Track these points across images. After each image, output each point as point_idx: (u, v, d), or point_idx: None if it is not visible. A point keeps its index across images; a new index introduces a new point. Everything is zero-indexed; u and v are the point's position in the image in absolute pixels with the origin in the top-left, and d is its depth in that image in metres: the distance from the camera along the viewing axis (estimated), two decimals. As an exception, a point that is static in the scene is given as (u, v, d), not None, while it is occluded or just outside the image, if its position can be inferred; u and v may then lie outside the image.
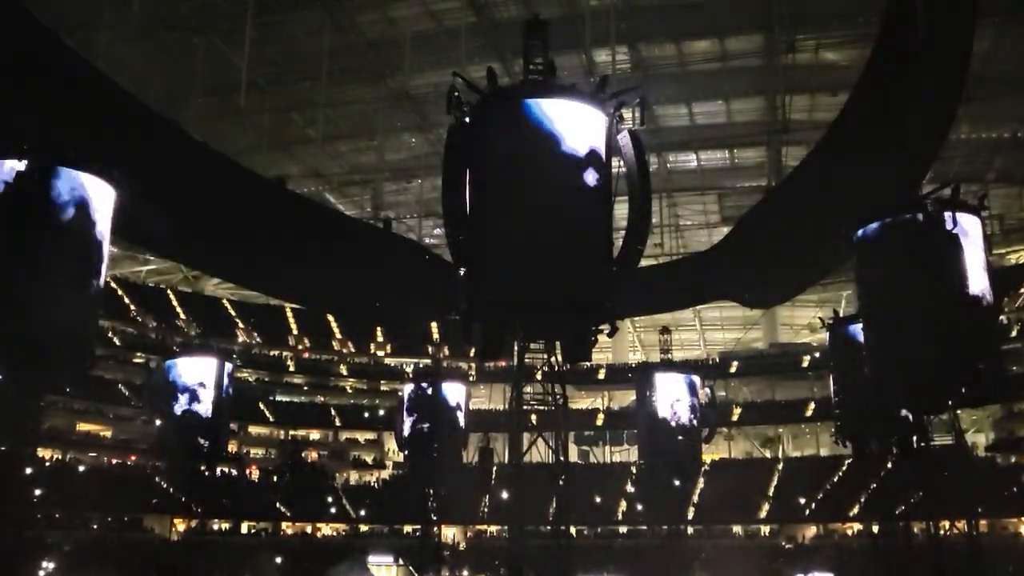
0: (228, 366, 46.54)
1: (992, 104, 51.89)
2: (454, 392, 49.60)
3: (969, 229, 26.46)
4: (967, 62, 35.10)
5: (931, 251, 25.46)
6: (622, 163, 23.32)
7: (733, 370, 73.02)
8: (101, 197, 26.14)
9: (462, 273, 22.44)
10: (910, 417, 32.08)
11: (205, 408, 44.49)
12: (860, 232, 28.18)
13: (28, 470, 27.72)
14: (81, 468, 60.79)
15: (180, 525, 50.28)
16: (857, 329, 33.81)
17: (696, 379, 50.46)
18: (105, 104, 32.35)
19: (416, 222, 73.15)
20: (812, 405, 67.49)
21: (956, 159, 54.86)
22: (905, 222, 26.41)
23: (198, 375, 44.95)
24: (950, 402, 28.86)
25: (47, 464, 56.32)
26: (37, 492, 44.61)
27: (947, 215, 25.67)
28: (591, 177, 21.98)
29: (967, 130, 55.46)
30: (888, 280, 26.85)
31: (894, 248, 26.59)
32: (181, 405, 44.43)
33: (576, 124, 22.18)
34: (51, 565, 45.50)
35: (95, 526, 55.40)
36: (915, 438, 33.64)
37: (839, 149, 38.55)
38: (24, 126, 24.84)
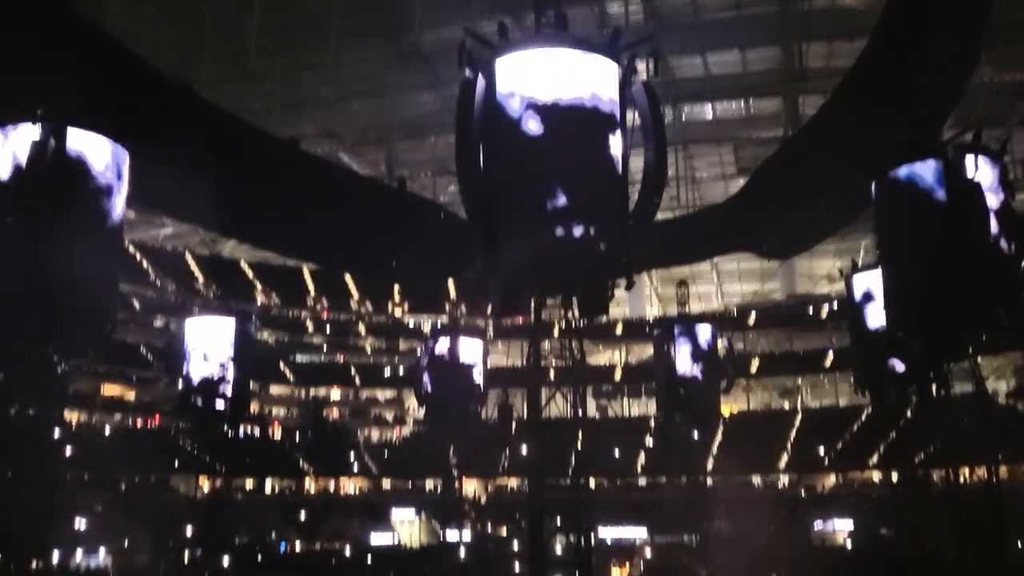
0: (248, 327, 46.94)
1: (1016, 47, 50.85)
2: (472, 349, 49.94)
3: (990, 174, 26.12)
4: (989, 4, 34.36)
5: (951, 197, 25.15)
6: (637, 115, 23.11)
7: (751, 322, 72.97)
8: (116, 161, 26.24)
9: (477, 230, 22.42)
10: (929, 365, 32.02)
11: (226, 369, 44.98)
12: (879, 180, 27.88)
13: (56, 432, 28.16)
14: (107, 430, 61.81)
15: (205, 484, 51.09)
16: (876, 277, 33.64)
17: (714, 331, 50.57)
18: (118, 69, 32.29)
19: (430, 180, 72.96)
20: (831, 355, 67.43)
21: (978, 103, 53.84)
22: (925, 168, 26.06)
23: (218, 336, 45.39)
24: (970, 349, 28.78)
25: (74, 427, 57.27)
26: (67, 453, 45.31)
27: (968, 160, 25.32)
28: (605, 130, 21.83)
29: (990, 73, 54.39)
30: (907, 227, 26.61)
31: (913, 195, 26.28)
32: (201, 366, 44.96)
33: (589, 77, 21.95)
34: (83, 524, 46.56)
35: (123, 486, 56.46)
36: (934, 386, 33.61)
37: (857, 96, 38.01)
38: (38, 92, 24.86)
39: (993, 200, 25.92)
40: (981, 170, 25.36)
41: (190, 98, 36.69)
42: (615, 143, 22.19)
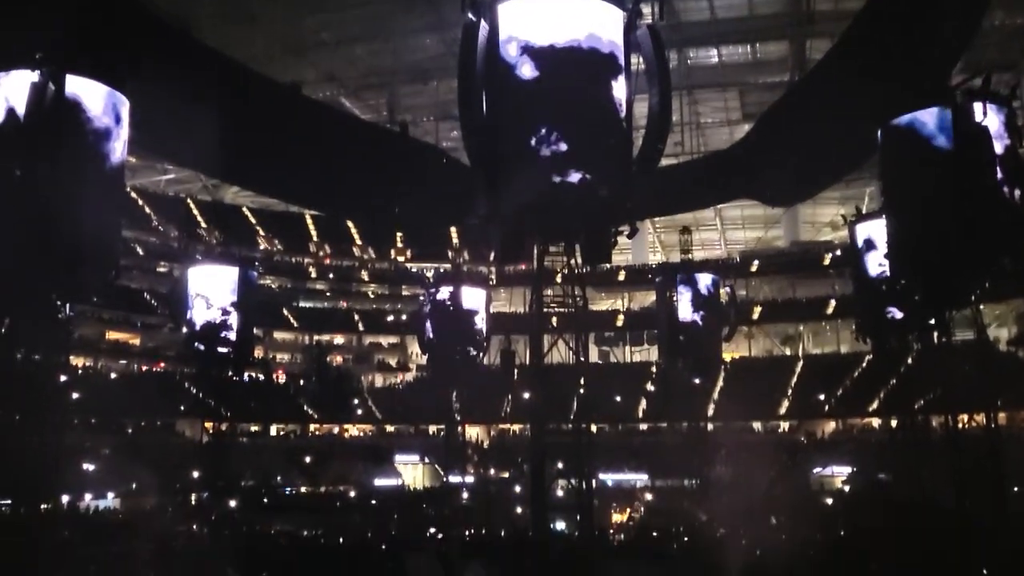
0: (250, 273, 46.98)
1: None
2: (475, 296, 49.99)
3: (998, 120, 25.83)
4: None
5: (958, 144, 24.89)
6: (641, 60, 22.82)
7: (754, 269, 72.92)
8: (115, 107, 25.98)
9: (480, 176, 22.31)
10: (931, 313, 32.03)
11: (229, 315, 45.15)
12: (885, 126, 27.59)
13: (62, 377, 28.37)
14: (113, 375, 62.31)
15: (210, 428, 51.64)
16: (879, 225, 33.49)
17: (716, 278, 50.61)
18: (115, 13, 31.79)
19: (433, 125, 72.29)
20: (833, 303, 67.50)
21: (988, 47, 52.90)
22: (931, 115, 25.76)
23: (221, 283, 45.48)
24: (972, 297, 28.76)
25: (80, 372, 57.68)
26: (74, 398, 45.66)
27: (976, 106, 25.00)
28: (608, 75, 21.59)
29: (1001, 16, 53.43)
30: (912, 174, 26.38)
31: (919, 141, 26.02)
32: (204, 313, 45.11)
33: (592, 21, 21.66)
34: (91, 468, 47.20)
35: (130, 430, 57.11)
36: (936, 333, 33.68)
37: (865, 41, 37.41)
38: (35, 36, 24.50)
39: (1000, 147, 25.67)
40: (989, 116, 25.06)
41: (190, 43, 36.18)
42: (619, 88, 21.98)
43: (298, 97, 43.42)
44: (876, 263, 36.53)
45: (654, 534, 35.37)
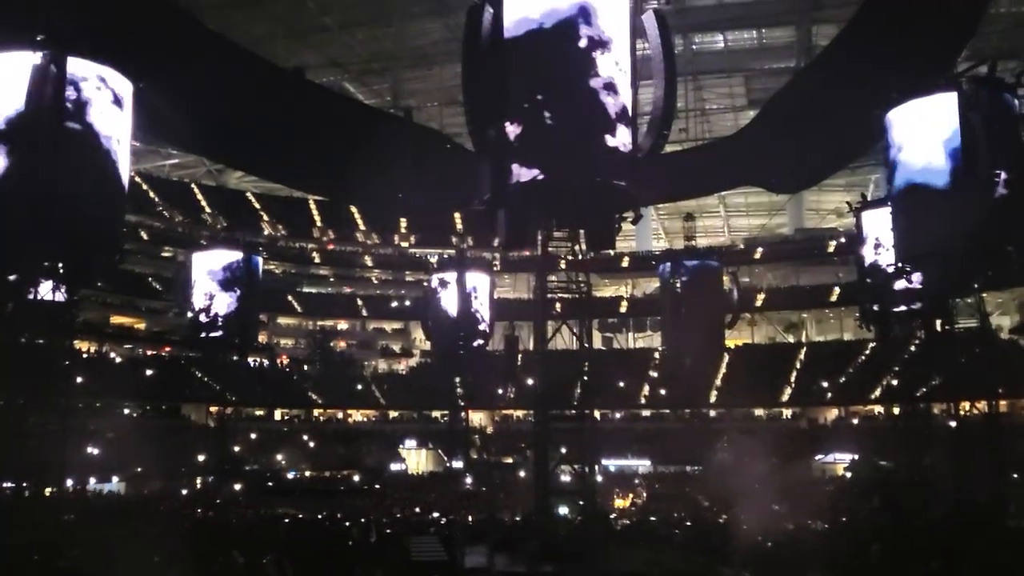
0: (255, 258, 47.10)
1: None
2: (479, 282, 50.01)
3: (1003, 108, 25.75)
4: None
5: (963, 131, 24.82)
6: (647, 45, 22.75)
7: (758, 256, 72.78)
8: (118, 91, 25.97)
9: (485, 161, 22.30)
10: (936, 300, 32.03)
11: (233, 300, 45.33)
12: (890, 112, 27.52)
13: (67, 361, 28.48)
14: (117, 359, 62.43)
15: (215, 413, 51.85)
16: (884, 212, 33.47)
17: (720, 266, 50.56)
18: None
19: (437, 110, 72.12)
20: (837, 290, 67.41)
21: (993, 35, 52.69)
22: (938, 101, 25.69)
23: (225, 268, 45.63)
24: (976, 285, 28.77)
25: (84, 356, 57.78)
26: (78, 381, 45.78)
27: (982, 93, 24.93)
28: (614, 60, 21.52)
29: (1007, 4, 53.18)
30: (917, 161, 26.34)
31: (924, 128, 25.97)
32: (209, 297, 45.27)
33: (598, 4, 21.58)
34: (96, 452, 47.35)
35: (135, 414, 57.24)
36: (939, 321, 33.71)
37: (871, 27, 37.25)
38: (38, 17, 24.47)
39: (1005, 133, 25.59)
40: (994, 103, 24.99)
41: (194, 26, 36.08)
42: (624, 73, 21.90)
43: (302, 81, 43.33)
44: (881, 250, 36.54)
45: (652, 519, 35.34)
